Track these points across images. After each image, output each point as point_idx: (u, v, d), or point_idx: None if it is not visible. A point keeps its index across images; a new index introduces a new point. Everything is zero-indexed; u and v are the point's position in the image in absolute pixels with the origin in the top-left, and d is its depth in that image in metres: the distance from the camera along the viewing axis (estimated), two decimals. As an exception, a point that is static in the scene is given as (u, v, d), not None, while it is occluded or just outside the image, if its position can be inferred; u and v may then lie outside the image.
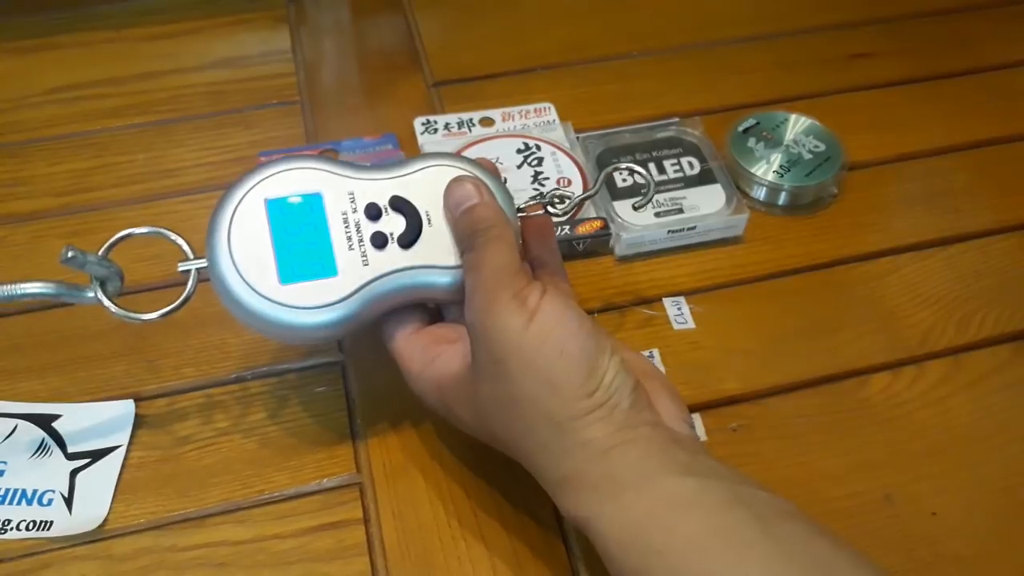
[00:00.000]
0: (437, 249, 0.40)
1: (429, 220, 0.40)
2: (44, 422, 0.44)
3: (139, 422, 0.45)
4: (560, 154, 0.57)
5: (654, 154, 0.56)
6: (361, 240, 0.39)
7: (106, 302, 0.39)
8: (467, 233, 0.39)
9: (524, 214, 0.42)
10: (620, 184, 0.54)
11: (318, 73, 0.65)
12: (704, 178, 0.55)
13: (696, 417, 0.45)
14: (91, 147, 0.59)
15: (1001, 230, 0.55)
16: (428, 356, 0.40)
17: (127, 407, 0.45)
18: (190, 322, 0.49)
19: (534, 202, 0.42)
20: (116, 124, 0.60)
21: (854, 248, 0.54)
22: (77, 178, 0.56)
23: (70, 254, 0.37)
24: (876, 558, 0.32)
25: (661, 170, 0.55)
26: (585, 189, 0.54)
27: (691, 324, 0.50)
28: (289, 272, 0.38)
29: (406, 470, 0.43)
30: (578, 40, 0.67)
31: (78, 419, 0.45)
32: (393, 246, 0.39)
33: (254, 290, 0.37)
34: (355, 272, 0.39)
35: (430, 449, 0.44)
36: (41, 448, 0.43)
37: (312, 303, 0.38)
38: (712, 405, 0.46)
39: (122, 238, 0.40)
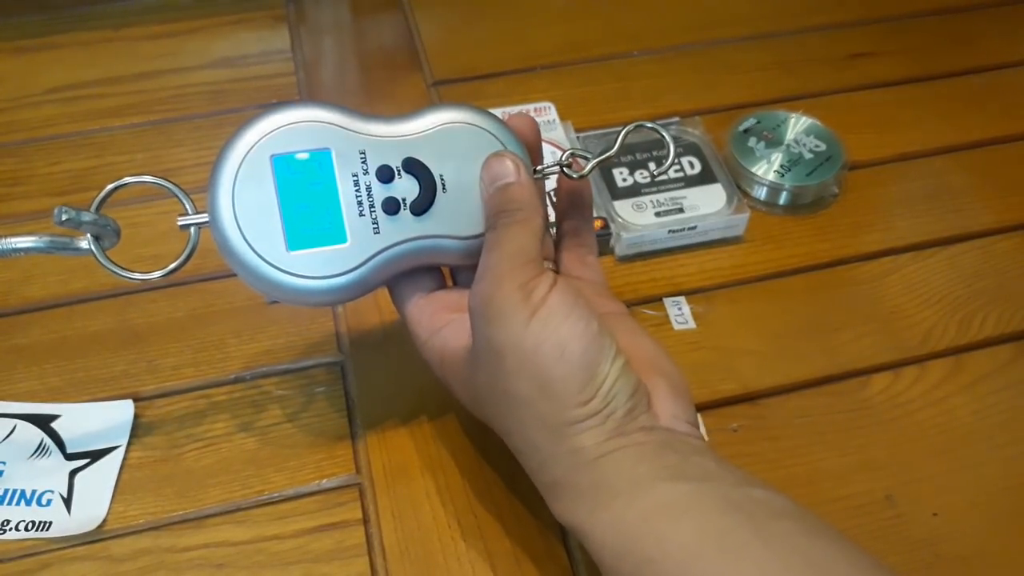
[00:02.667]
0: (451, 217, 0.38)
1: (444, 185, 0.38)
2: (43, 422, 0.44)
3: (138, 422, 0.45)
4: (560, 154, 0.56)
5: (654, 153, 0.56)
6: (372, 205, 0.37)
7: (100, 257, 0.37)
8: (495, 211, 0.37)
9: (540, 175, 0.40)
10: (620, 184, 0.54)
11: (318, 72, 0.64)
12: (705, 178, 0.55)
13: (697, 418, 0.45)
14: (90, 147, 0.58)
15: (1002, 230, 0.55)
16: (435, 324, 0.39)
17: (126, 407, 0.45)
18: (189, 322, 0.49)
19: (550, 165, 0.40)
20: (115, 124, 0.60)
21: (855, 248, 0.54)
22: (76, 178, 0.56)
23: (64, 216, 0.35)
24: (877, 559, 0.31)
25: (661, 170, 0.55)
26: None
27: (692, 324, 0.50)
28: (297, 238, 0.37)
29: (406, 471, 0.43)
30: (578, 40, 0.67)
31: (77, 419, 0.44)
32: (405, 213, 0.38)
33: (260, 256, 0.36)
34: (365, 240, 0.37)
35: (430, 450, 0.44)
36: (40, 448, 0.43)
37: (320, 272, 0.37)
38: (713, 405, 0.46)
39: (116, 188, 0.38)
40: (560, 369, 0.33)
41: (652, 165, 0.55)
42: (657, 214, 0.53)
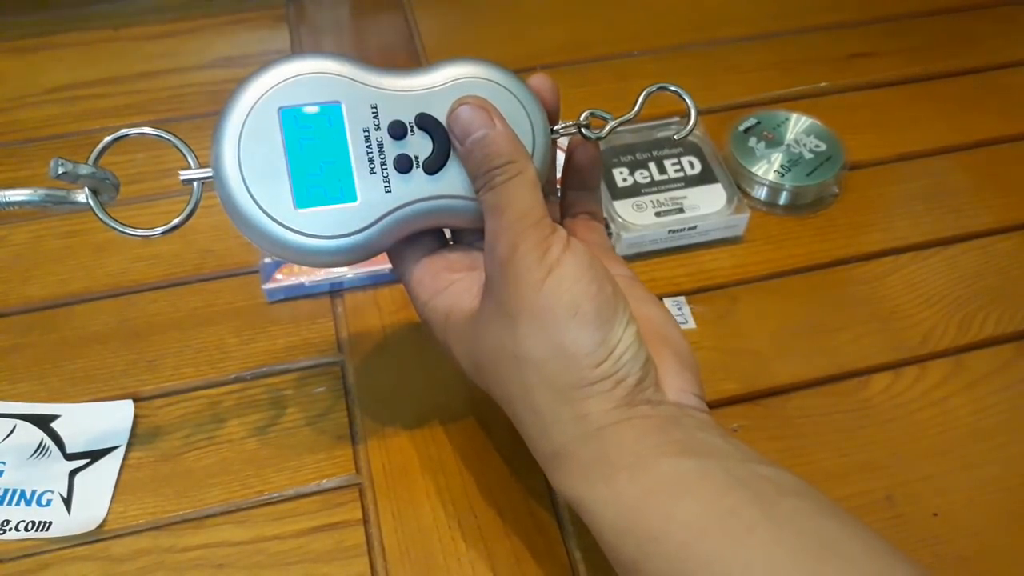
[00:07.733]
0: (465, 177, 0.36)
1: None
2: (43, 422, 0.44)
3: (138, 422, 0.45)
4: (561, 153, 0.56)
5: (655, 153, 0.56)
6: (384, 163, 0.36)
7: (98, 211, 0.36)
8: (482, 169, 0.35)
9: (557, 135, 0.39)
10: (620, 184, 0.54)
11: (318, 72, 0.64)
12: (705, 178, 0.55)
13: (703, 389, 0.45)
14: (90, 147, 0.57)
15: (1002, 230, 0.55)
16: (439, 284, 0.38)
17: (126, 407, 0.45)
18: (190, 322, 0.49)
19: (566, 125, 0.39)
20: (115, 124, 0.60)
21: (855, 248, 0.54)
22: (76, 178, 0.56)
23: (60, 169, 0.34)
24: (889, 541, 0.31)
25: (662, 170, 0.55)
26: (585, 189, 0.54)
27: (692, 324, 0.50)
28: (305, 196, 0.35)
29: (406, 471, 0.43)
30: (578, 39, 0.67)
31: (77, 419, 0.44)
32: (418, 171, 0.36)
33: (267, 214, 0.35)
34: (376, 199, 0.36)
35: (430, 450, 0.44)
36: (40, 449, 0.43)
37: (329, 232, 0.35)
38: (713, 406, 0.46)
39: (114, 140, 0.37)
40: (574, 329, 0.32)
41: (652, 165, 0.55)
42: (657, 214, 0.53)
